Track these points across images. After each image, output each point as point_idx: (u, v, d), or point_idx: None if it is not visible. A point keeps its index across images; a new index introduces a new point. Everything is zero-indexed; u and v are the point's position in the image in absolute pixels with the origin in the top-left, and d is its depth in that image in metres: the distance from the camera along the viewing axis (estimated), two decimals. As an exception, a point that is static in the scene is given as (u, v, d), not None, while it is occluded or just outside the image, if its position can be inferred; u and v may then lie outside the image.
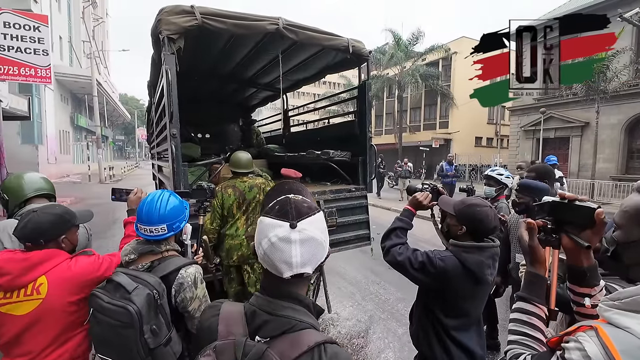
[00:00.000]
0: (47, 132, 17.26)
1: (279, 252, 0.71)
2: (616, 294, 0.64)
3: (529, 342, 0.80)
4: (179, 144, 2.63)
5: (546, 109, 14.68)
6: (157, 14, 2.62)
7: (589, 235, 0.80)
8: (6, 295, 1.23)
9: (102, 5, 31.50)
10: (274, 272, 0.74)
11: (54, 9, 18.55)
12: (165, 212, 1.35)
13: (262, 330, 0.73)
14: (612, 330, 0.59)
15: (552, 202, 0.88)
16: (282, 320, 0.73)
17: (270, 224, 0.74)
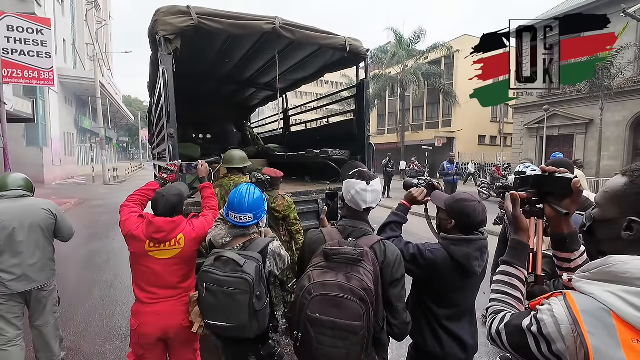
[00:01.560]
0: (52, 134, 17.42)
1: (360, 196, 1.40)
2: (586, 266, 0.73)
3: (509, 300, 0.90)
4: (176, 143, 2.65)
5: (550, 106, 14.55)
6: (153, 15, 2.64)
7: (568, 204, 0.92)
8: (156, 245, 1.73)
9: (105, 8, 31.73)
10: (356, 208, 1.43)
11: (57, 12, 18.73)
12: (253, 203, 1.65)
13: (351, 235, 1.40)
14: (578, 296, 0.69)
15: (535, 176, 0.98)
16: (361, 230, 1.42)
17: (355, 182, 1.41)
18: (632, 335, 0.61)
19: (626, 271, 0.65)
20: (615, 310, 0.63)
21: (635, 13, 8.15)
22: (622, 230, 0.72)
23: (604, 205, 0.79)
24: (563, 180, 0.92)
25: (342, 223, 1.46)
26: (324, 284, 1.21)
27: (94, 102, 20.10)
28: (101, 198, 12.31)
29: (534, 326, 0.71)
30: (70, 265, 5.05)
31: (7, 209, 2.13)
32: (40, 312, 2.30)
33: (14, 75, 7.93)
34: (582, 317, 0.64)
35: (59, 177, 18.16)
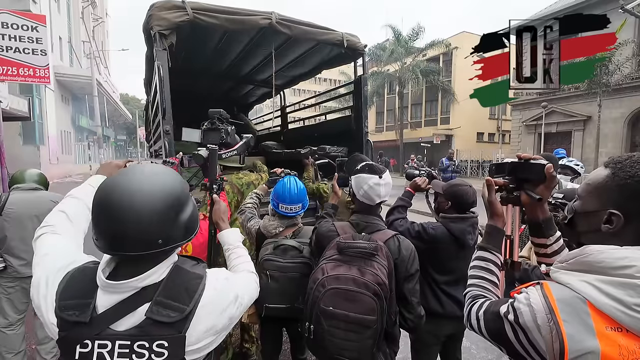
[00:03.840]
0: (49, 133, 17.33)
1: (374, 190, 1.41)
2: (563, 257, 0.75)
3: (486, 284, 0.92)
4: (172, 140, 2.62)
5: (548, 103, 14.55)
6: (148, 10, 2.60)
7: (542, 190, 0.94)
8: None
9: (101, 5, 31.48)
10: (369, 202, 1.44)
11: (53, 10, 18.56)
12: (300, 193, 1.80)
13: (365, 230, 1.42)
14: (554, 286, 0.71)
15: (511, 162, 1.00)
16: (375, 225, 1.44)
17: (367, 176, 1.42)
18: (606, 323, 0.62)
19: (601, 260, 0.66)
20: (590, 300, 0.64)
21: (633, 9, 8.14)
22: (602, 223, 0.71)
23: (585, 197, 0.78)
24: (537, 166, 0.94)
25: (354, 218, 1.49)
26: (337, 277, 1.24)
27: (90, 101, 19.98)
28: (99, 196, 12.25)
29: (510, 314, 0.72)
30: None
31: (19, 199, 2.26)
32: None
33: (9, 72, 7.80)
34: (557, 306, 0.66)
35: (56, 176, 18.07)
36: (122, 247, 0.74)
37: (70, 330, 0.72)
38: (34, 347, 2.46)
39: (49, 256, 0.84)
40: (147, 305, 0.74)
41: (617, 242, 0.68)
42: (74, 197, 1.02)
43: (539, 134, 15.62)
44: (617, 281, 0.63)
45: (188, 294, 0.77)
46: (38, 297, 0.77)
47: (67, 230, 0.93)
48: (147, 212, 0.73)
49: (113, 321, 0.73)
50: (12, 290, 2.24)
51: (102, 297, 0.74)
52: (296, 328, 1.73)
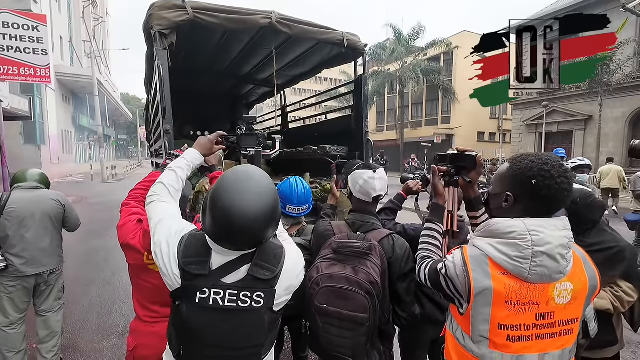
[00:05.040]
0: (49, 132, 17.33)
1: (369, 184, 1.44)
2: (478, 227, 1.02)
3: (431, 247, 1.21)
4: (172, 140, 2.62)
5: (549, 102, 14.53)
6: (148, 9, 2.60)
7: (473, 175, 1.27)
8: None
9: (102, 5, 31.49)
10: (365, 198, 1.47)
11: (54, 9, 18.57)
12: (307, 195, 1.84)
13: (360, 230, 1.44)
14: (470, 247, 0.99)
15: (451, 154, 1.32)
16: (370, 224, 1.45)
17: (362, 172, 1.47)
18: (498, 270, 0.91)
19: (497, 229, 0.93)
20: (489, 255, 0.93)
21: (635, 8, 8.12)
22: (503, 202, 0.98)
23: (494, 183, 1.06)
24: (470, 157, 1.26)
25: (351, 217, 1.51)
26: (331, 276, 1.26)
27: (91, 100, 19.97)
28: (100, 196, 12.28)
29: (443, 270, 1.00)
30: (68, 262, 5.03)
31: (20, 198, 2.27)
32: (46, 297, 2.40)
33: (9, 72, 7.85)
34: (469, 261, 0.94)
35: (57, 176, 18.09)
36: (235, 246, 0.96)
37: (193, 280, 0.93)
38: (34, 346, 2.46)
39: (164, 221, 1.05)
40: (247, 266, 0.96)
41: (510, 216, 0.95)
42: (172, 169, 1.25)
43: (540, 133, 15.60)
44: (505, 242, 0.91)
45: (276, 259, 0.99)
46: (162, 254, 0.98)
47: (170, 199, 1.15)
48: (259, 227, 0.92)
49: (224, 275, 0.94)
50: (14, 289, 2.23)
51: (216, 257, 0.96)
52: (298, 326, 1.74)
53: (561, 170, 0.92)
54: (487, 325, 0.91)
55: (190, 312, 0.94)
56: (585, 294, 0.93)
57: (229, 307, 0.93)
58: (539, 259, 0.87)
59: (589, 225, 1.55)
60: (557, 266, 0.88)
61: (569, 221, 0.95)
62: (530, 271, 0.87)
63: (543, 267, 0.87)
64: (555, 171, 0.91)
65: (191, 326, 0.95)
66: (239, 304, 0.93)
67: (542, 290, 0.89)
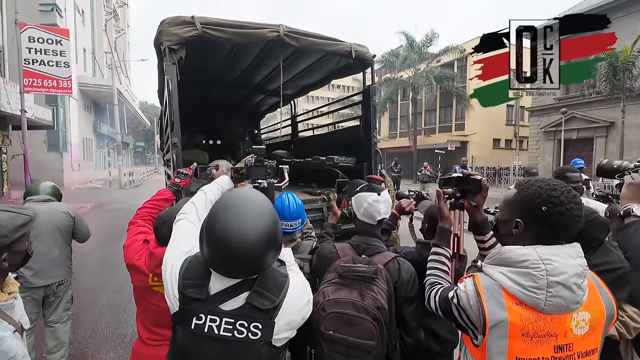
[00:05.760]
0: (71, 140, 18.02)
1: (374, 207, 1.40)
2: (489, 254, 0.99)
3: (439, 273, 1.19)
4: (180, 152, 2.66)
5: (567, 109, 14.10)
6: (159, 25, 2.67)
7: (478, 198, 1.25)
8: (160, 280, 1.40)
9: (123, 18, 32.80)
10: (369, 221, 1.42)
11: (78, 23, 19.46)
12: (299, 208, 1.79)
13: (365, 252, 1.40)
14: (482, 276, 0.96)
15: (456, 177, 1.31)
16: (375, 247, 1.41)
17: (366, 195, 1.42)
18: (512, 300, 0.88)
19: (510, 257, 0.91)
20: (503, 285, 0.90)
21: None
22: (512, 228, 0.96)
23: (502, 209, 1.04)
24: (475, 180, 1.25)
25: (355, 239, 1.47)
26: (337, 301, 1.23)
27: (111, 109, 20.72)
28: (117, 202, 12.60)
29: (455, 299, 0.98)
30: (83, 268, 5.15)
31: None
32: (54, 308, 2.45)
33: (34, 84, 8.24)
34: (482, 291, 0.91)
35: (78, 182, 18.74)
36: (233, 274, 0.91)
37: (190, 304, 0.89)
38: (44, 355, 2.51)
39: (175, 241, 1.04)
40: (247, 293, 0.90)
41: (521, 243, 0.93)
42: (204, 191, 1.28)
43: (559, 140, 15.13)
44: (518, 271, 0.89)
45: (278, 288, 0.93)
46: (165, 274, 0.97)
47: (195, 220, 1.13)
48: (257, 253, 0.87)
49: (222, 301, 0.90)
50: (23, 300, 2.28)
51: (215, 282, 0.91)
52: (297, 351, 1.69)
53: (570, 196, 0.90)
54: (504, 357, 0.89)
55: (185, 338, 0.90)
56: (602, 322, 0.90)
57: (224, 337, 0.87)
58: (555, 289, 0.85)
59: (593, 244, 1.47)
60: (574, 296, 0.86)
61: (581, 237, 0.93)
62: (546, 302, 0.85)
63: (559, 297, 0.85)
64: (565, 197, 0.89)
65: (186, 353, 0.90)
66: (235, 334, 0.87)
67: (559, 321, 0.86)
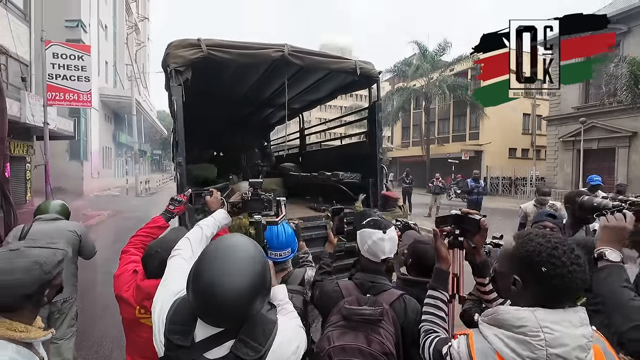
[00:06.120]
0: (92, 149, 18.70)
1: (378, 246, 1.35)
2: (486, 312, 0.94)
3: (435, 319, 1.14)
4: (184, 171, 2.71)
5: (587, 118, 13.66)
6: (166, 48, 2.76)
7: (477, 239, 1.21)
8: (148, 312, 1.40)
9: (144, 31, 34.19)
10: (373, 259, 1.37)
11: (101, 37, 20.38)
12: (289, 237, 1.72)
13: (370, 291, 1.35)
14: (476, 336, 0.91)
15: (454, 215, 1.26)
16: (380, 285, 1.36)
17: (371, 232, 1.37)
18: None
19: (507, 319, 0.85)
20: (497, 350, 0.85)
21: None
22: (511, 284, 0.90)
23: (500, 260, 0.97)
24: (473, 220, 1.20)
25: (359, 277, 1.42)
26: (344, 348, 1.21)
27: (130, 119, 21.45)
28: (133, 210, 12.91)
29: (448, 356, 0.95)
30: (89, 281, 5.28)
31: (39, 230, 2.41)
32: (59, 325, 2.48)
33: (56, 97, 8.63)
34: (475, 354, 0.87)
35: (97, 189, 19.36)
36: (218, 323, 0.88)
37: (175, 351, 0.87)
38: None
39: (167, 280, 1.02)
40: (232, 342, 0.87)
41: (520, 300, 0.88)
42: (200, 226, 1.29)
43: (578, 150, 14.63)
44: (515, 337, 0.82)
45: (265, 336, 0.89)
46: (154, 315, 0.94)
47: (189, 256, 1.11)
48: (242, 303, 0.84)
49: (207, 349, 0.86)
50: None
51: (200, 328, 0.88)
52: None
53: (573, 257, 0.84)
54: None
55: None
56: None
57: None
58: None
59: None
60: None
61: None
62: None
63: None
64: (567, 257, 0.83)
65: None
66: None
67: None
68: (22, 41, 10.43)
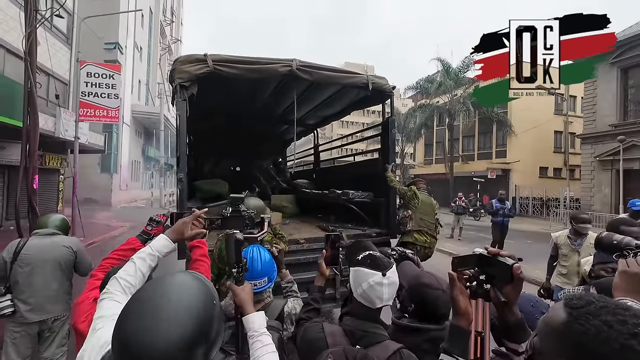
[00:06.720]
0: (122, 162, 19.62)
1: (375, 291, 1.13)
2: None
3: None
4: (184, 187, 2.64)
5: (625, 136, 12.71)
6: (172, 64, 2.76)
7: (509, 290, 0.85)
8: None
9: (177, 52, 36.21)
10: (369, 305, 1.15)
11: (136, 58, 21.76)
12: (265, 265, 1.53)
13: (361, 342, 1.13)
14: None
15: (479, 255, 0.90)
16: (373, 335, 1.14)
17: (367, 272, 1.15)
18: None
19: None
20: None
21: None
22: None
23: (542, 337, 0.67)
24: (502, 265, 0.85)
25: (349, 324, 1.19)
26: None
27: (158, 134, 22.46)
28: (154, 222, 13.17)
29: None
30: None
31: (34, 245, 2.36)
32: (49, 344, 2.41)
33: (87, 114, 9.12)
34: None
35: (124, 201, 20.17)
36: None
37: None
38: (39, 389, 2.48)
39: (95, 331, 0.87)
40: None
41: None
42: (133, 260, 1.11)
43: (617, 170, 13.57)
44: None
45: None
46: None
47: (122, 298, 0.96)
48: None
49: None
50: (18, 335, 2.29)
51: None
52: None
53: None
54: None
55: None
56: None
57: None
58: None
59: None
60: None
61: None
62: None
63: None
64: None
65: None
66: None
67: None
68: (63, 62, 11.27)
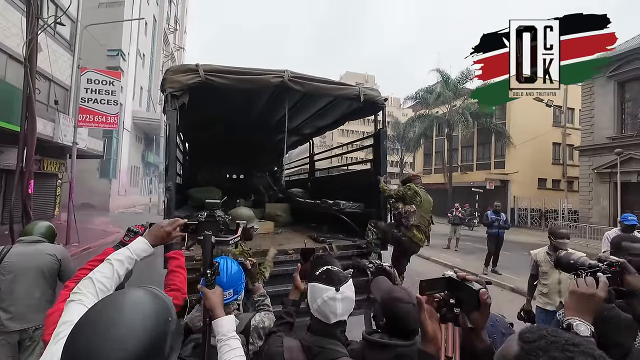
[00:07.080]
0: (121, 168, 19.64)
1: (329, 307, 1.14)
2: None
3: None
4: (172, 196, 2.64)
5: (623, 149, 12.76)
6: (164, 73, 2.79)
7: (476, 317, 0.83)
8: None
9: (179, 59, 36.58)
10: (324, 320, 1.16)
11: (138, 65, 22.00)
12: (231, 278, 1.51)
13: (317, 358, 1.12)
14: None
15: (448, 278, 0.89)
16: (330, 352, 1.12)
17: (322, 288, 1.17)
18: None
19: None
20: None
21: None
22: None
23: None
24: (469, 290, 0.83)
25: (307, 339, 1.19)
26: None
27: (158, 140, 22.55)
28: (150, 228, 13.11)
29: None
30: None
31: (17, 253, 2.33)
32: (30, 353, 2.35)
33: (86, 119, 9.18)
34: None
35: (122, 206, 20.13)
36: None
37: None
38: (20, 399, 2.43)
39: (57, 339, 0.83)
40: None
41: None
42: (110, 262, 1.09)
43: (615, 183, 13.57)
44: None
45: None
46: None
47: (93, 302, 0.91)
48: None
49: None
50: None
51: None
52: None
53: None
54: None
55: None
56: None
57: None
58: None
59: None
60: None
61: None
62: None
63: None
64: None
65: None
66: None
67: None
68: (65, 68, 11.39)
